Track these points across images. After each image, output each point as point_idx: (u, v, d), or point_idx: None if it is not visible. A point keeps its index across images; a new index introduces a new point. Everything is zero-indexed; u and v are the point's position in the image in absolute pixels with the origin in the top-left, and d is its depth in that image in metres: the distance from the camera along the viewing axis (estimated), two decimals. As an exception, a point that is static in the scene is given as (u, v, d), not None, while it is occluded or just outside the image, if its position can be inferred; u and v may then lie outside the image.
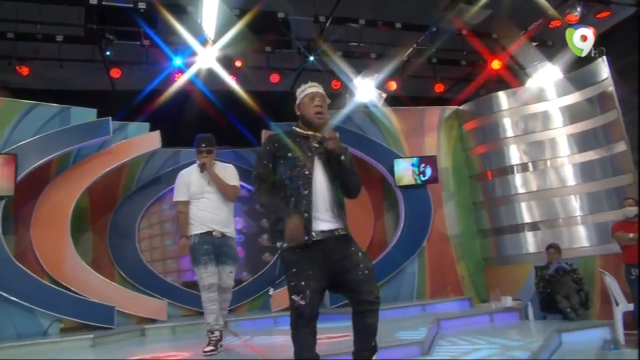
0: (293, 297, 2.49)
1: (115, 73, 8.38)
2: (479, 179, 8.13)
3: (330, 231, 2.58)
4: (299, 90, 2.82)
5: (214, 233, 4.08)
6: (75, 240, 7.32)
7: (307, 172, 2.59)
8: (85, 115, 6.81)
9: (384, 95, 8.86)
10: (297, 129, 2.75)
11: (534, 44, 8.74)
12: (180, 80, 8.30)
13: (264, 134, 8.04)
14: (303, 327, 2.49)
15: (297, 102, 2.79)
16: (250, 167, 8.88)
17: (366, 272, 2.54)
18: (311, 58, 8.60)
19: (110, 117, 6.80)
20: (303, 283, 2.48)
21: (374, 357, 2.61)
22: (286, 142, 2.66)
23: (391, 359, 3.76)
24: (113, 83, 8.93)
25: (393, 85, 9.41)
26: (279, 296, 7.25)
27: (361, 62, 9.13)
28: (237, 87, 8.63)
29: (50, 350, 5.21)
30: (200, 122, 8.85)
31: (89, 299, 6.23)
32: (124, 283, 7.50)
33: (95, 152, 7.04)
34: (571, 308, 5.55)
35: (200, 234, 4.07)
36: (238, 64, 8.39)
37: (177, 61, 7.92)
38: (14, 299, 5.75)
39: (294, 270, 2.53)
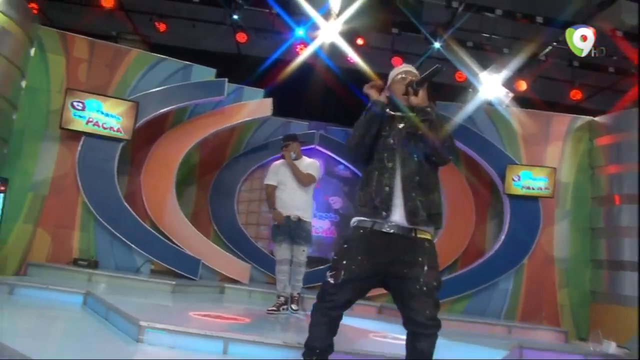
0: (328, 272, 2.28)
1: (241, 37, 8.65)
2: (603, 202, 7.18)
3: (404, 228, 2.28)
4: (391, 73, 2.61)
5: (291, 217, 4.79)
6: (180, 192, 7.78)
7: (392, 142, 2.39)
8: (205, 73, 7.09)
9: (511, 94, 8.18)
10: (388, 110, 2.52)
11: None
12: (303, 53, 8.33)
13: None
14: (322, 310, 2.28)
15: (388, 83, 2.57)
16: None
17: (424, 288, 2.22)
18: (436, 45, 8.15)
19: (226, 79, 7.01)
20: (345, 262, 2.25)
21: None
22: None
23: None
24: (239, 47, 9.25)
25: (523, 85, 8.66)
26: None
27: (491, 56, 8.50)
28: (361, 63, 8.44)
29: (136, 287, 5.59)
30: (316, 96, 8.89)
31: (180, 248, 6.56)
32: (216, 239, 7.84)
33: (210, 110, 7.35)
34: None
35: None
36: (360, 41, 8.19)
37: (300, 32, 7.93)
38: (117, 234, 6.24)
39: (345, 246, 2.33)
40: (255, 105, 7.50)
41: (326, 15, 7.54)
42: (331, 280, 2.24)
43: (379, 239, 2.27)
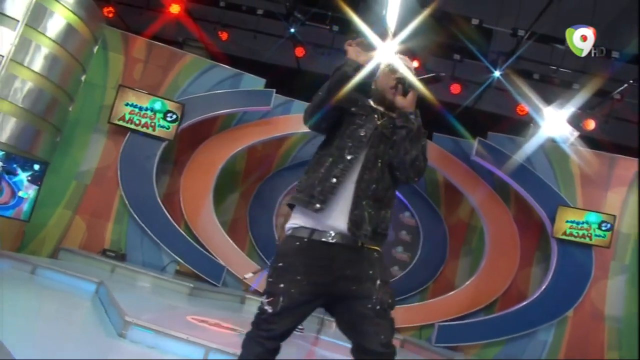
0: (263, 298, 1.88)
1: (299, 52, 8.70)
2: (669, 261, 6.44)
3: (348, 237, 1.87)
4: (381, 62, 2.21)
5: None
6: (222, 198, 7.87)
7: (350, 157, 1.94)
8: (255, 83, 7.16)
9: (576, 133, 7.61)
10: (371, 102, 2.15)
11: None
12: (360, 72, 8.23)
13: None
14: (257, 340, 1.85)
15: (377, 74, 2.18)
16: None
17: (378, 307, 1.83)
18: (497, 74, 7.76)
19: (274, 90, 7.04)
20: (282, 286, 1.84)
21: None
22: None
23: None
24: (298, 62, 9.32)
25: (591, 124, 8.03)
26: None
27: (558, 90, 7.98)
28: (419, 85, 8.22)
29: (154, 285, 5.64)
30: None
31: (207, 252, 6.57)
32: (251, 249, 7.81)
33: (257, 119, 7.39)
34: None
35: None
36: (415, 64, 7.96)
37: (355, 51, 7.82)
38: (148, 230, 6.36)
39: (280, 265, 1.89)
40: (302, 119, 7.44)
41: (382, 34, 7.41)
42: (268, 309, 1.84)
43: (319, 252, 1.87)
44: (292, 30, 7.95)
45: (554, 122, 7.55)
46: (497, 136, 7.21)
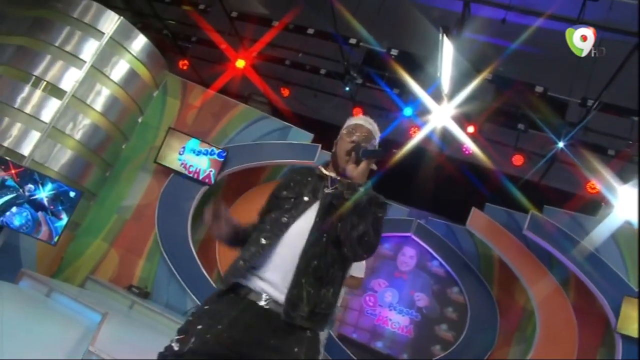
0: (175, 335, 1.77)
1: (356, 112, 8.71)
2: None
3: (279, 305, 1.78)
4: (345, 124, 2.17)
5: None
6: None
7: (284, 221, 1.89)
8: (302, 137, 7.15)
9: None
10: (321, 167, 2.08)
11: None
12: (415, 135, 8.04)
13: (473, 212, 7.04)
14: None
15: (338, 136, 2.13)
16: (455, 246, 7.91)
17: None
18: (561, 144, 7.17)
19: (319, 145, 6.97)
20: (199, 327, 1.74)
21: None
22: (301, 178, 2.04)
23: None
24: (355, 121, 9.30)
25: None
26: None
27: (635, 168, 7.21)
28: (477, 153, 7.88)
29: (170, 327, 5.49)
30: (422, 182, 8.40)
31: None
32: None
33: (302, 174, 7.32)
34: None
35: None
36: (471, 129, 7.62)
37: (407, 111, 7.69)
38: (176, 273, 6.34)
39: (206, 307, 1.83)
40: (347, 176, 7.28)
41: (437, 96, 7.22)
42: (175, 347, 1.72)
43: (249, 311, 1.78)
44: (347, 88, 7.98)
45: (629, 201, 6.77)
46: (555, 211, 6.56)
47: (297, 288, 1.77)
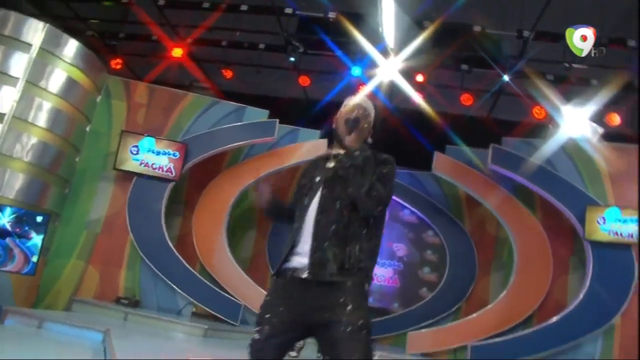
0: (255, 327, 2.04)
1: (303, 81, 8.68)
2: None
3: (314, 274, 1.99)
4: (343, 104, 2.31)
5: None
6: (239, 236, 7.76)
7: (305, 202, 2.12)
8: (258, 115, 7.10)
9: (600, 130, 7.21)
10: (329, 149, 2.27)
11: None
12: (362, 92, 8.11)
13: (437, 156, 7.29)
14: None
15: (337, 115, 2.29)
16: (424, 193, 8.18)
17: (349, 328, 1.90)
18: (505, 78, 7.47)
19: (277, 120, 6.94)
20: (268, 316, 2.01)
21: None
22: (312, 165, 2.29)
23: None
24: (305, 91, 9.27)
25: (615, 119, 7.60)
26: (416, 338, 6.43)
27: (576, 89, 7.62)
28: (422, 103, 8.06)
29: (168, 329, 5.47)
30: (377, 138, 8.55)
31: (222, 292, 6.39)
32: (273, 285, 7.60)
33: (264, 152, 7.30)
34: None
35: None
36: (420, 78, 7.78)
37: (356, 71, 7.74)
38: (160, 274, 6.25)
39: (267, 298, 2.08)
40: (310, 146, 7.33)
41: (384, 52, 7.29)
42: (257, 336, 2.00)
43: (296, 287, 2.02)
44: (292, 59, 7.90)
45: (575, 121, 7.20)
46: (512, 141, 6.89)
47: (320, 251, 1.98)
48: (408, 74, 7.72)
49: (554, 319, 5.97)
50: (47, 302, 6.04)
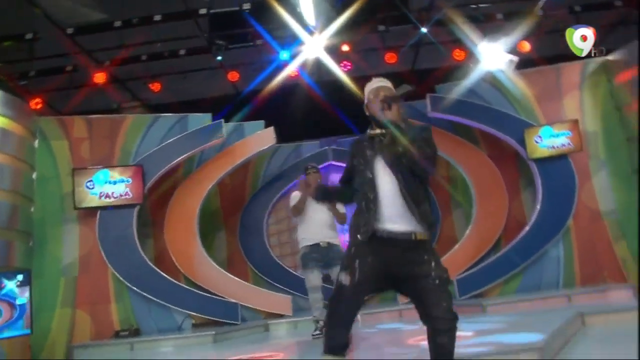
0: (341, 272, 2.37)
1: (232, 77, 8.76)
2: (640, 141, 6.66)
3: (402, 233, 2.37)
4: (365, 90, 2.66)
5: (321, 244, 4.89)
6: (210, 240, 7.83)
7: (370, 176, 2.46)
8: (201, 120, 7.13)
9: (516, 59, 7.80)
10: (370, 131, 2.58)
11: None
12: (285, 74, 8.30)
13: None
14: (338, 311, 2.37)
15: (365, 102, 2.63)
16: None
17: (437, 281, 2.32)
18: (423, 30, 7.93)
19: (222, 120, 7.02)
20: (357, 262, 2.34)
21: None
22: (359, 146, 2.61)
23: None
24: (236, 86, 9.34)
25: (526, 47, 8.29)
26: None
27: (486, 26, 8.18)
28: (342, 77, 8.34)
29: (177, 345, 5.57)
30: (315, 115, 8.79)
31: (215, 296, 6.52)
32: (256, 278, 7.79)
33: (216, 154, 7.37)
34: None
35: (310, 245, 4.91)
36: (346, 48, 8.09)
37: (284, 55, 7.92)
38: (151, 297, 6.27)
39: (352, 249, 2.40)
40: (258, 138, 7.47)
41: (309, 32, 7.49)
42: (345, 282, 2.32)
43: (383, 244, 2.36)
44: (219, 58, 7.96)
45: (493, 56, 7.73)
46: (445, 86, 7.36)
47: (416, 218, 2.37)
48: (336, 49, 7.99)
49: (520, 236, 6.59)
50: (44, 358, 5.93)
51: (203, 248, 6.95)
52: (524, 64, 7.59)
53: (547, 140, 6.65)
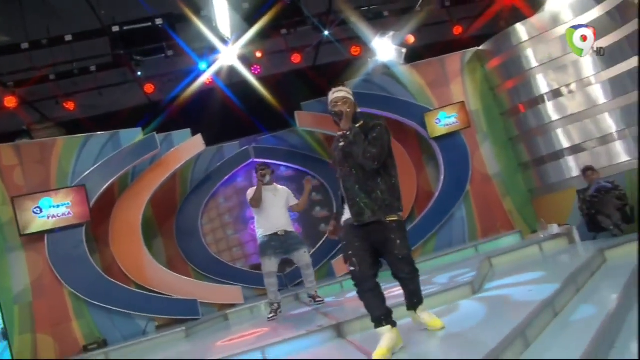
0: (346, 264, 3.08)
1: (148, 89, 8.99)
2: (511, 114, 8.23)
3: (358, 220, 3.03)
4: (328, 98, 3.26)
5: (279, 232, 5.39)
6: (148, 247, 8.10)
7: (338, 174, 3.16)
8: (133, 135, 7.40)
9: (404, 50, 8.96)
10: (338, 132, 3.17)
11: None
12: (200, 82, 8.78)
13: (298, 115, 8.40)
14: (364, 291, 3.00)
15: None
16: (291, 148, 9.30)
17: (400, 257, 3.02)
18: (326, 33, 8.81)
19: (155, 133, 7.35)
20: (350, 252, 3.02)
21: (419, 307, 3.24)
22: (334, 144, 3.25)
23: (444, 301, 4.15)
24: (149, 97, 9.54)
25: (411, 39, 9.48)
26: (340, 263, 7.79)
27: (377, 23, 9.23)
28: (254, 81, 8.99)
29: (152, 347, 5.96)
30: (231, 117, 9.32)
31: (172, 297, 6.96)
32: (198, 277, 8.24)
33: (149, 166, 7.67)
34: (614, 225, 5.71)
35: (269, 235, 5.39)
36: (259, 54, 8.74)
37: (203, 66, 8.37)
38: (112, 307, 6.57)
39: (345, 242, 3.09)
40: (188, 146, 7.86)
41: (222, 40, 8.00)
42: (352, 268, 2.99)
43: (359, 230, 3.04)
44: (139, 73, 8.20)
45: (386, 49, 8.82)
46: (353, 81, 8.33)
47: (357, 206, 3.02)
48: (250, 56, 8.60)
49: (430, 204, 7.86)
50: (12, 386, 6.01)
51: (151, 256, 7.30)
52: (414, 54, 8.78)
53: (443, 121, 7.95)
